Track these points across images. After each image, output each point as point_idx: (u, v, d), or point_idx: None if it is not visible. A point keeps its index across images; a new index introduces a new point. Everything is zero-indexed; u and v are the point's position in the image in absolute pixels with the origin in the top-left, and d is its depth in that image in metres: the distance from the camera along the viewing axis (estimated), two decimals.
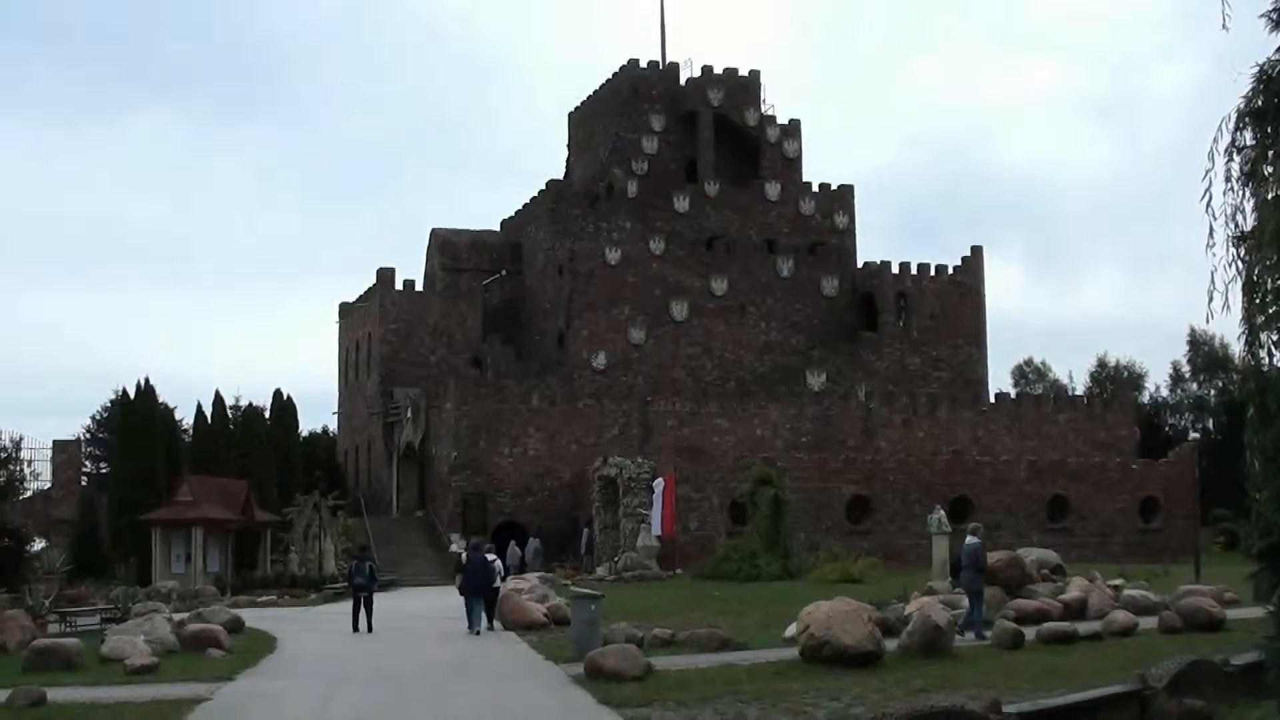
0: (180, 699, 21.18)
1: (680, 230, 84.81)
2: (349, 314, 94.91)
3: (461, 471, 71.39)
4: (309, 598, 51.05)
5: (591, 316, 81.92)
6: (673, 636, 28.22)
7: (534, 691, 21.99)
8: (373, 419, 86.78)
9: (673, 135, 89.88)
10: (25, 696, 20.50)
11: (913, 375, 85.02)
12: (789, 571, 50.24)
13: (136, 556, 55.80)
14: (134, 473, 61.75)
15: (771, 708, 18.87)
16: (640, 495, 60.50)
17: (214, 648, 28.94)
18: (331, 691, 22.51)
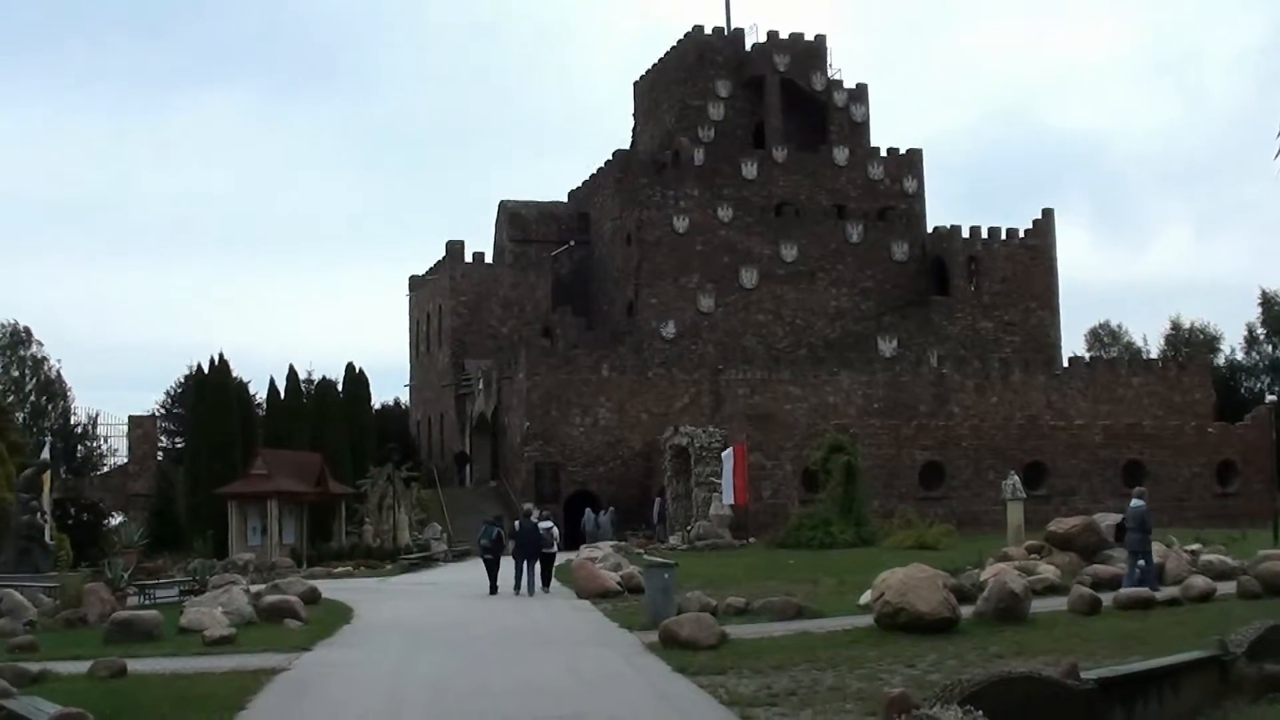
0: (258, 669, 21.32)
1: (748, 197, 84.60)
2: (419, 287, 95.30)
3: (534, 442, 71.58)
4: (384, 568, 51.31)
5: (660, 285, 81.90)
6: (747, 605, 28.19)
7: (609, 659, 22.03)
8: (445, 391, 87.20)
9: (739, 101, 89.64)
10: (106, 668, 20.72)
11: (984, 340, 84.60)
12: (863, 539, 50.10)
13: (213, 529, 56.26)
14: (209, 447, 62.26)
15: (847, 675, 18.84)
16: (712, 464, 60.47)
17: (291, 618, 29.14)
18: (408, 660, 22.65)
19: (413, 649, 24.33)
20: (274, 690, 19.34)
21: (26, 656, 22.85)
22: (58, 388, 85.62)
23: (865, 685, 17.72)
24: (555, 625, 28.44)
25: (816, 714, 15.86)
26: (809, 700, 16.81)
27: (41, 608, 31.61)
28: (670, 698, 17.74)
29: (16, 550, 37.90)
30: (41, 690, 17.68)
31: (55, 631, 28.72)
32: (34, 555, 38.09)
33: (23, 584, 33.90)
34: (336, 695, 18.81)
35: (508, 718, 16.19)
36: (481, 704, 17.34)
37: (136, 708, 17.15)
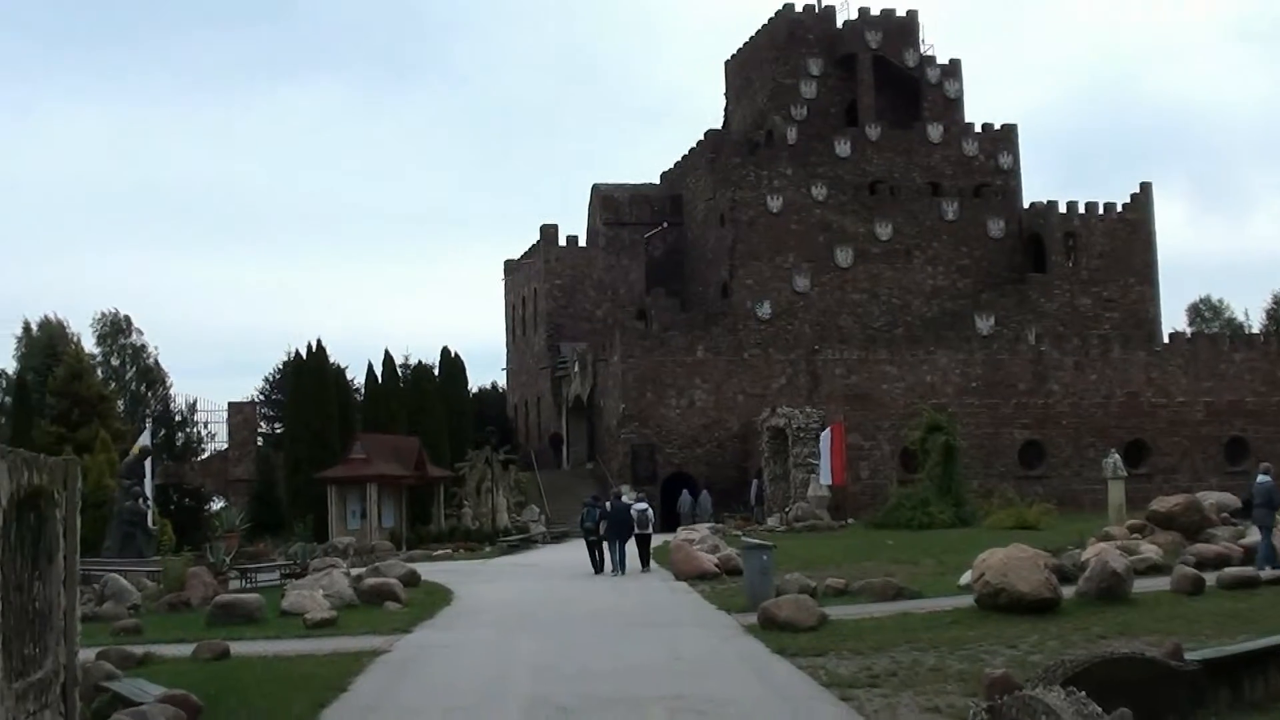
0: (360, 651, 21.49)
1: (842, 175, 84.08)
2: (514, 271, 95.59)
3: (630, 424, 71.59)
4: (483, 550, 51.57)
5: (755, 265, 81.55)
6: (846, 586, 28.11)
7: (708, 641, 22.01)
8: (540, 374, 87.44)
9: (831, 79, 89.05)
10: (209, 650, 20.95)
11: (1083, 316, 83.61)
12: (962, 519, 49.77)
13: (313, 513, 56.73)
14: (308, 432, 62.76)
15: (948, 656, 18.72)
16: (810, 445, 60.24)
17: (391, 601, 29.34)
18: (509, 641, 22.72)
19: (512, 631, 24.41)
20: (375, 672, 19.47)
21: (131, 640, 23.12)
22: (157, 375, 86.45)
23: (966, 666, 17.60)
24: (654, 607, 28.43)
25: (917, 695, 15.76)
26: (910, 681, 16.71)
27: (145, 592, 31.97)
28: (770, 679, 17.69)
29: (120, 535, 38.32)
30: (146, 673, 17.87)
31: (159, 615, 29.04)
32: (137, 540, 38.51)
33: (126, 568, 34.31)
34: (437, 677, 18.90)
35: (607, 699, 16.19)
36: (581, 685, 17.36)
37: (239, 689, 17.30)
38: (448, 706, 16.20)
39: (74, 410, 54.48)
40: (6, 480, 10.48)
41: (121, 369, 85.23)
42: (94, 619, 26.29)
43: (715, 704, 15.66)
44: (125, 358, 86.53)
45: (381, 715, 15.78)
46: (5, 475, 10.45)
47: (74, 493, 12.71)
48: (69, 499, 12.57)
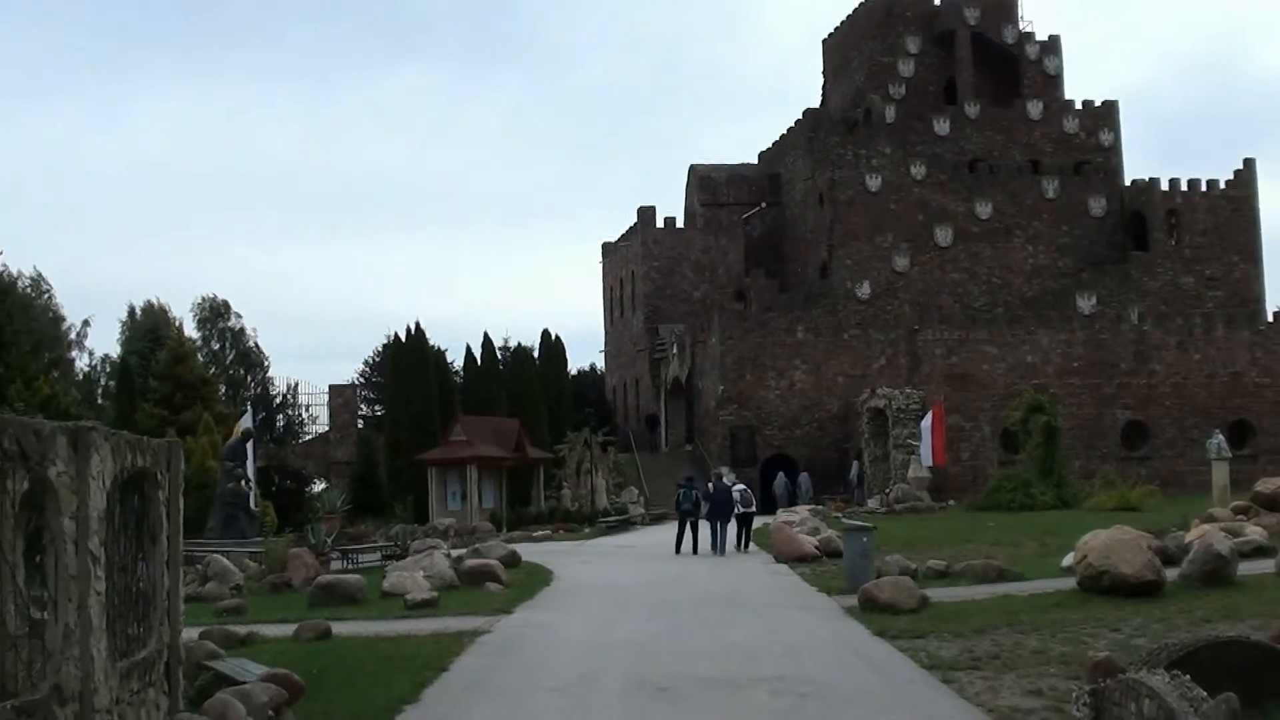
0: (461, 631, 21.57)
1: (941, 154, 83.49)
2: (611, 253, 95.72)
3: (729, 405, 71.51)
4: (583, 531, 51.71)
5: (854, 245, 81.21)
6: (947, 568, 27.92)
7: (808, 623, 21.93)
8: (639, 355, 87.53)
9: (929, 57, 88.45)
10: (311, 630, 21.11)
11: (1186, 295, 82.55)
12: (1064, 500, 49.38)
13: (413, 495, 57.11)
14: (408, 414, 63.22)
15: (1050, 638, 18.53)
16: (910, 426, 59.96)
17: (492, 582, 29.44)
18: (609, 622, 22.74)
19: (612, 611, 24.44)
20: (476, 652, 19.53)
21: (234, 620, 23.33)
22: (256, 359, 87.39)
23: (1069, 649, 17.41)
24: (753, 589, 28.36)
25: (1019, 678, 15.62)
26: (1011, 664, 16.57)
27: (247, 572, 32.28)
28: (870, 661, 17.60)
29: (223, 517, 38.72)
30: (248, 652, 18.01)
31: (261, 595, 29.29)
32: (239, 521, 38.90)
33: (229, 549, 34.66)
34: (537, 657, 18.94)
35: (707, 680, 16.16)
36: (681, 666, 17.34)
37: (340, 669, 17.42)
38: (548, 686, 16.24)
39: (176, 393, 55.12)
40: (111, 462, 10.59)
41: (221, 353, 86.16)
42: (197, 599, 26.56)
43: (816, 686, 15.59)
44: (225, 341, 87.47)
45: (482, 695, 15.82)
46: (109, 457, 10.56)
47: (177, 474, 12.83)
48: (172, 480, 12.68)
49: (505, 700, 15.47)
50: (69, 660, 9.71)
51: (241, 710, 12.04)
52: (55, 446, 9.61)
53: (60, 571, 9.72)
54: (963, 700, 14.55)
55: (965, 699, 14.58)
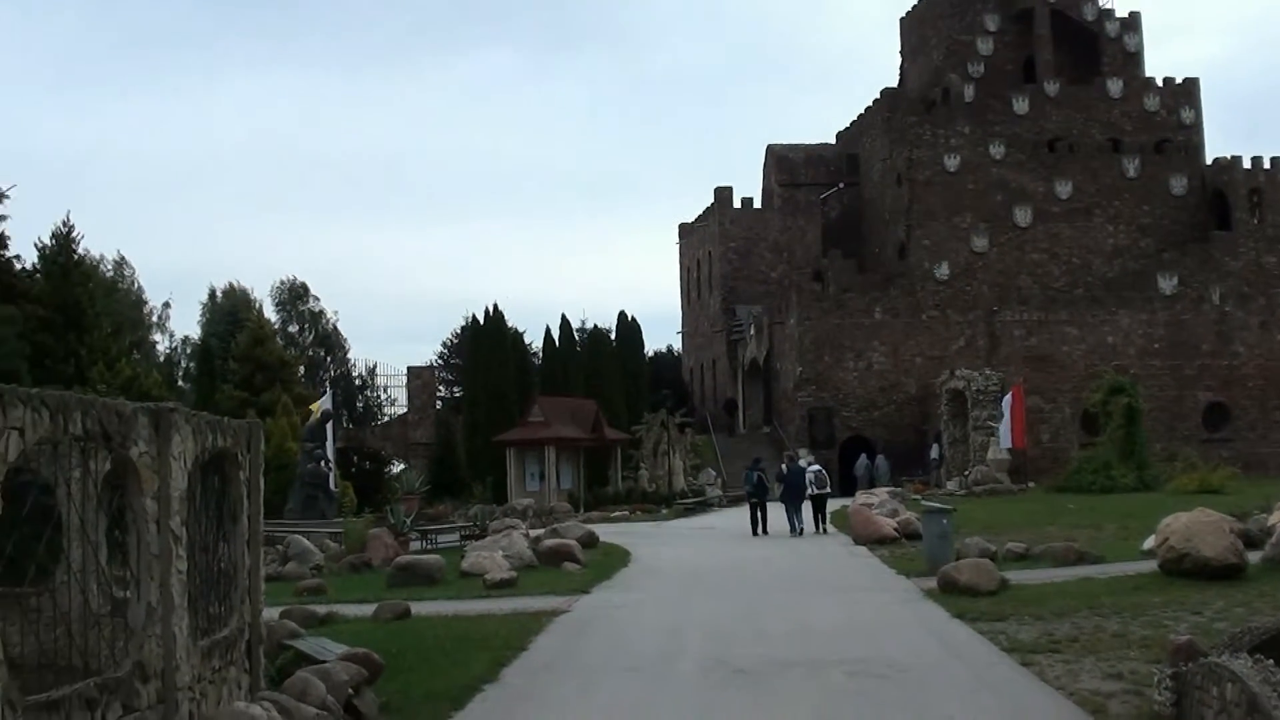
0: (539, 611, 21.67)
1: (1020, 133, 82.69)
2: (689, 234, 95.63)
3: (806, 386, 71.34)
4: (660, 513, 51.78)
5: (932, 226, 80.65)
6: (1027, 550, 27.78)
7: (887, 605, 21.88)
8: (716, 337, 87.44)
9: (1008, 35, 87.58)
10: (391, 610, 21.26)
11: (1269, 275, 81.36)
12: (1144, 482, 49.02)
13: (492, 475, 57.32)
14: (487, 395, 63.46)
15: (1130, 622, 18.38)
16: (989, 408, 59.60)
17: (570, 562, 29.56)
18: (686, 604, 22.77)
19: (690, 592, 24.49)
20: (554, 631, 19.62)
21: (314, 599, 23.53)
22: (335, 340, 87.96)
23: (1150, 633, 17.27)
24: (832, 571, 28.34)
25: (1100, 661, 15.50)
26: (1092, 647, 16.45)
27: (327, 552, 32.52)
28: (950, 643, 17.53)
29: (303, 498, 38.99)
30: (329, 631, 18.14)
31: (340, 575, 29.53)
32: (319, 502, 39.16)
33: (309, 530, 34.92)
34: (615, 637, 18.98)
35: (785, 661, 16.14)
36: (759, 647, 17.34)
37: (420, 648, 17.52)
38: (626, 666, 16.27)
39: (256, 375, 55.43)
40: (192, 442, 10.68)
41: (300, 335, 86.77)
42: (277, 579, 26.80)
43: (895, 668, 15.55)
44: (304, 324, 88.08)
45: (561, 674, 15.88)
46: (190, 438, 10.65)
47: (258, 455, 12.93)
48: (253, 461, 12.78)
49: (583, 680, 15.52)
50: (151, 638, 9.80)
51: (321, 689, 12.13)
52: (137, 427, 9.70)
53: (142, 551, 9.81)
54: (1042, 683, 14.47)
55: (1045, 682, 14.51)
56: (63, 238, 41.35)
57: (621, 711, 13.71)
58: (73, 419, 8.76)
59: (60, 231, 41.47)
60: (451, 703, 14.08)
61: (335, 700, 12.29)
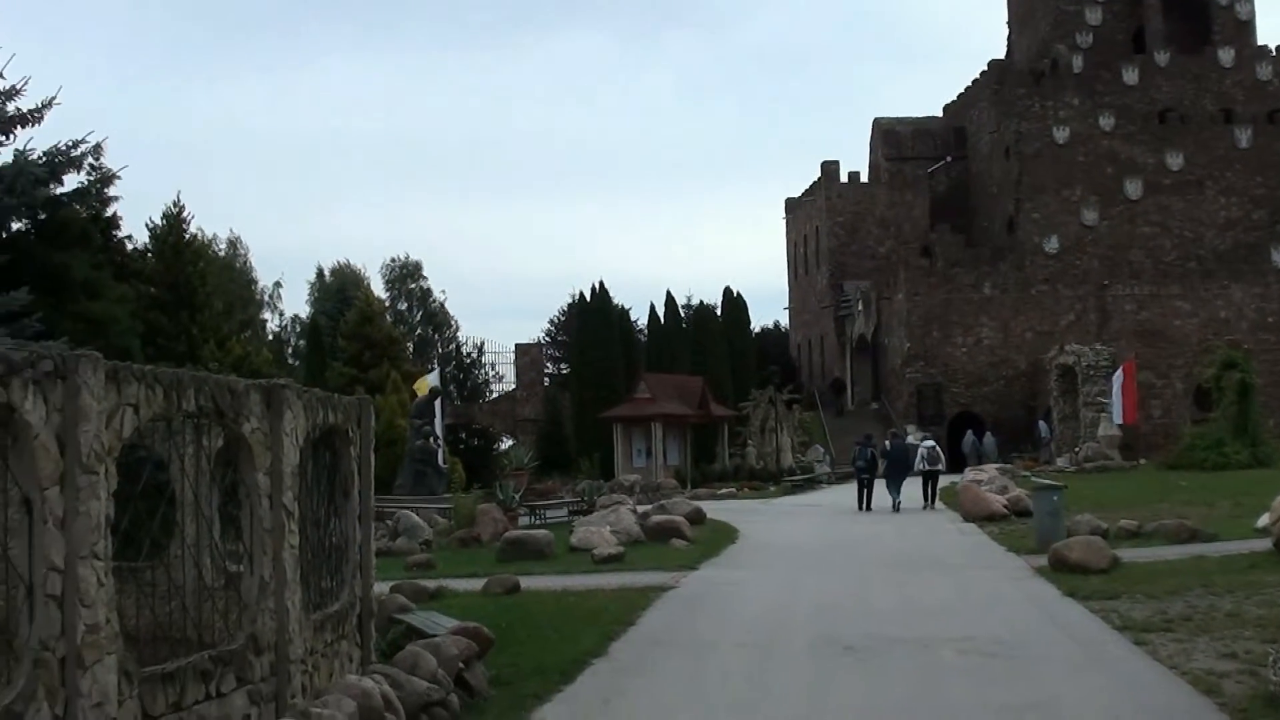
0: (647, 586, 21.73)
1: (1130, 104, 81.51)
2: (795, 209, 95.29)
3: (915, 363, 70.97)
4: (768, 490, 51.72)
5: (1041, 199, 79.78)
6: (1139, 528, 27.46)
7: (997, 582, 21.73)
8: (823, 313, 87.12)
9: (1117, 5, 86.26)
10: (500, 584, 21.39)
11: None
12: (1259, 459, 48.32)
13: (599, 451, 57.51)
14: (593, 372, 63.67)
15: (1244, 600, 18.11)
16: (1099, 383, 59.00)
17: (677, 538, 29.59)
18: (794, 580, 22.74)
19: (797, 569, 24.45)
20: (662, 607, 19.67)
21: (424, 574, 23.71)
22: (444, 318, 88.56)
23: (1264, 611, 17.02)
24: (940, 548, 28.22)
25: (1213, 640, 15.30)
26: (1205, 626, 16.23)
27: (437, 528, 32.76)
28: (1060, 622, 17.38)
29: (412, 474, 39.30)
30: (439, 606, 18.26)
31: (450, 550, 29.74)
32: (429, 478, 39.46)
33: (419, 505, 35.19)
34: (723, 613, 18.98)
35: (894, 639, 16.07)
36: (867, 624, 17.28)
37: (529, 622, 17.61)
38: (735, 642, 16.27)
39: (365, 352, 55.85)
40: (303, 419, 10.78)
41: (409, 313, 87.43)
42: (388, 554, 27.02)
43: (1005, 646, 15.44)
44: (413, 301, 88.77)
45: (669, 649, 15.89)
46: (302, 414, 10.74)
47: (368, 431, 13.03)
48: (363, 437, 12.88)
49: (692, 655, 15.54)
50: (264, 612, 9.91)
51: (432, 663, 12.21)
52: (249, 403, 9.80)
53: (255, 525, 9.92)
54: (1155, 662, 14.30)
55: (1158, 661, 14.34)
56: (173, 218, 41.79)
57: (731, 687, 13.71)
58: (186, 395, 8.86)
59: (171, 212, 41.94)
60: (561, 676, 14.14)
61: (446, 674, 12.37)
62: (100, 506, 7.64)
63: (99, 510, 7.63)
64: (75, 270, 26.72)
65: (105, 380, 7.80)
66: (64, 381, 7.44)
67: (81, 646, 7.40)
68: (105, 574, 7.67)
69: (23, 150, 26.22)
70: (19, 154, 26.03)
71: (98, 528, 7.61)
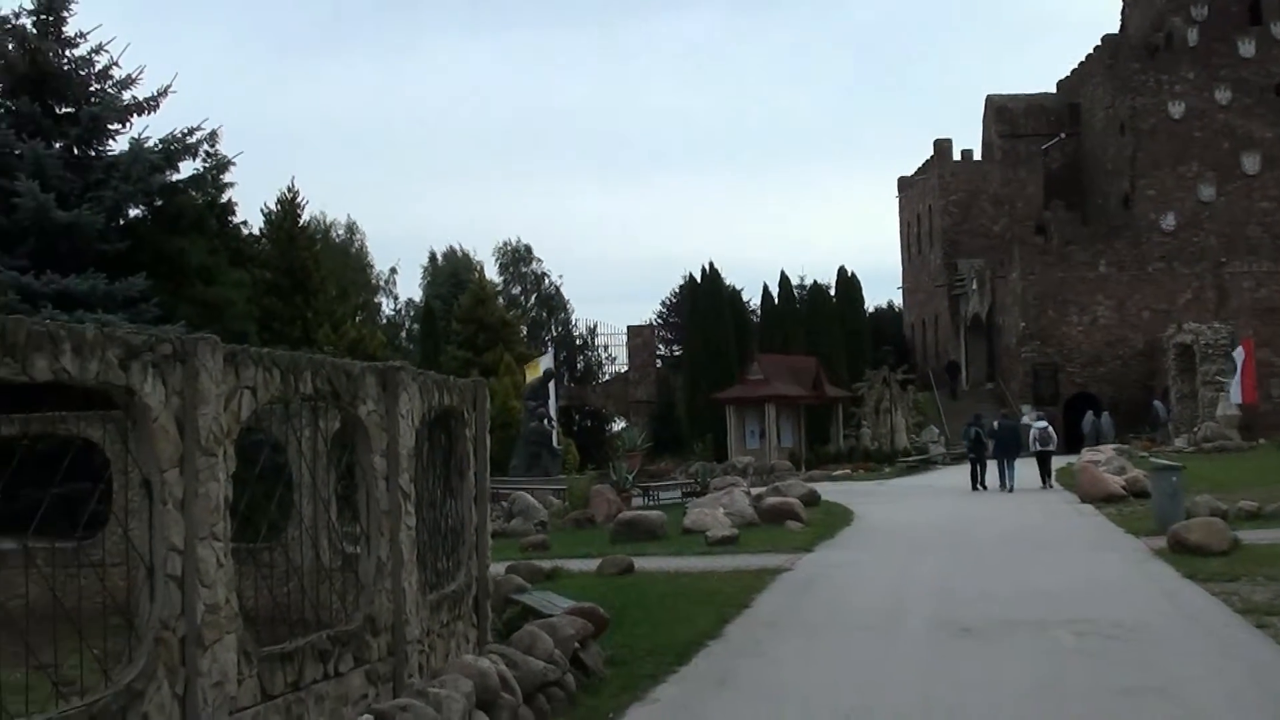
0: (762, 569, 21.71)
1: (1247, 77, 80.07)
2: (908, 188, 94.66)
3: (1030, 342, 70.33)
4: (882, 471, 51.50)
5: (1157, 175, 78.66)
6: (1259, 509, 27.05)
7: (1115, 564, 21.49)
8: (937, 292, 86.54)
9: None
10: (615, 565, 21.49)
11: None
12: None
13: (712, 433, 57.50)
14: (706, 353, 63.65)
15: None
16: (1218, 362, 58.15)
17: (792, 520, 29.52)
18: (910, 562, 22.64)
19: (913, 551, 24.33)
20: (777, 589, 19.64)
21: (539, 555, 23.87)
22: (557, 301, 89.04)
23: None
24: (1057, 529, 27.99)
25: None
26: None
27: (551, 509, 32.95)
28: (1180, 604, 17.15)
29: (526, 455, 39.55)
30: (553, 586, 18.35)
31: (564, 531, 29.90)
32: (543, 459, 39.70)
33: (533, 486, 35.41)
34: (838, 595, 18.92)
35: (1011, 621, 15.93)
36: (985, 608, 17.13)
37: (643, 603, 17.64)
38: (851, 624, 16.21)
39: (479, 335, 56.31)
40: (419, 401, 10.83)
41: (522, 296, 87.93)
42: (503, 535, 27.23)
43: (1124, 629, 15.25)
44: (526, 285, 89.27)
45: (785, 631, 15.85)
46: (417, 396, 10.80)
47: (483, 413, 13.08)
48: (478, 419, 12.94)
49: (808, 637, 15.49)
50: (381, 592, 9.98)
51: (549, 643, 12.25)
52: (365, 386, 9.86)
53: (372, 507, 9.99)
54: (1278, 646, 14.08)
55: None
56: (288, 203, 42.34)
57: (847, 669, 13.65)
58: (303, 378, 8.93)
59: (285, 197, 42.46)
60: (676, 657, 14.14)
61: (562, 654, 12.42)
62: (219, 488, 7.72)
63: (218, 492, 7.71)
64: (192, 255, 27.12)
65: (223, 363, 7.88)
66: (183, 364, 7.52)
67: (201, 626, 7.48)
68: (224, 555, 7.75)
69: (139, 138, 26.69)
70: (135, 141, 26.50)
71: (217, 509, 7.69)
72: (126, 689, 6.95)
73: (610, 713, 11.70)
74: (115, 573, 15.50)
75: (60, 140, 26.16)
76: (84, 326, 6.85)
